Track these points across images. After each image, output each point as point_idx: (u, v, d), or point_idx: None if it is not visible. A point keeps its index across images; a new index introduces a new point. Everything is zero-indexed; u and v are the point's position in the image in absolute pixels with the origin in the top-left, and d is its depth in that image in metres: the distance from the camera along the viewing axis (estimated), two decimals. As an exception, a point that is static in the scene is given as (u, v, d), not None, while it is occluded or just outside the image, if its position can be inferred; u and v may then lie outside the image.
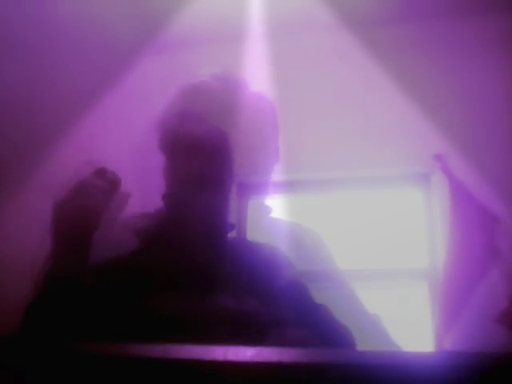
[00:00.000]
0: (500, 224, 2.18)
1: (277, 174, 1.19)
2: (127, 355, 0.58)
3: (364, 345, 1.05)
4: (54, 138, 2.72)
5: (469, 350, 0.59)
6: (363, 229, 2.51)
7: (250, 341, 0.92)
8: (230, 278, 1.03)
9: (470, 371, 0.54)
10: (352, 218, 2.54)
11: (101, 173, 1.04)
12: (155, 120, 1.14)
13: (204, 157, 1.06)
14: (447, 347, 2.04)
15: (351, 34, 2.53)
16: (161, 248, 1.05)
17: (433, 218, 2.43)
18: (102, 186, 1.00)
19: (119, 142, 2.63)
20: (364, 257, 2.46)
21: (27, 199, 2.62)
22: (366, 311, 1.16)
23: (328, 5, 2.44)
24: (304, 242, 1.16)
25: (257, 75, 2.52)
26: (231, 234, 1.10)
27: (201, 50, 2.63)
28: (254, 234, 1.11)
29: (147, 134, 1.15)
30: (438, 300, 2.20)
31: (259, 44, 2.54)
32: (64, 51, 2.57)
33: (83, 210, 0.96)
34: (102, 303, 0.98)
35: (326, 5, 2.43)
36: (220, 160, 1.06)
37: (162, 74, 2.67)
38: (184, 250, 1.06)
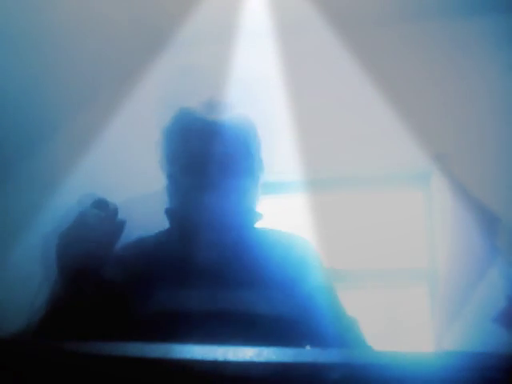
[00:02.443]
0: (500, 224, 2.18)
1: (277, 175, 1.23)
2: (127, 355, 0.59)
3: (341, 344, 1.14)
4: (54, 138, 2.72)
5: (469, 350, 0.59)
6: (363, 229, 2.51)
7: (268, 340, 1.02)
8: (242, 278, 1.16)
9: (470, 371, 0.54)
10: (352, 218, 2.54)
11: (100, 204, 1.13)
12: (156, 140, 1.30)
13: (199, 169, 1.22)
14: (447, 347, 2.04)
15: (351, 34, 2.53)
16: (169, 262, 1.20)
17: (433, 218, 2.43)
18: (102, 217, 1.11)
19: (119, 142, 2.63)
20: (364, 257, 2.46)
21: (28, 199, 2.62)
22: (345, 313, 1.23)
23: (329, 5, 2.44)
24: (293, 251, 1.26)
25: (257, 76, 2.52)
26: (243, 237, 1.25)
27: (201, 51, 2.63)
28: (245, 240, 1.24)
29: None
30: (437, 300, 2.20)
31: (259, 44, 2.54)
32: (64, 51, 2.57)
33: (86, 240, 1.07)
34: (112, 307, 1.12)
35: (326, 5, 2.43)
36: (217, 169, 1.22)
37: (163, 73, 2.67)
38: (190, 260, 1.19)
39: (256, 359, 0.56)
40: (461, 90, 2.48)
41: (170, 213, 1.27)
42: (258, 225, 1.31)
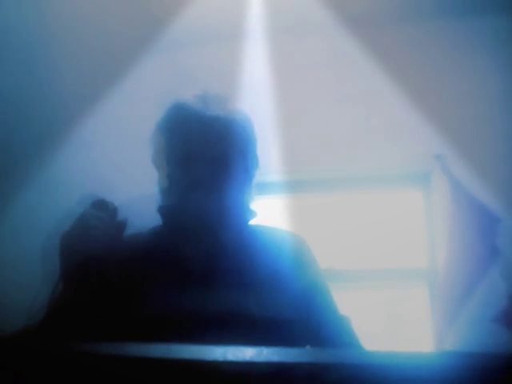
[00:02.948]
0: (500, 224, 2.17)
1: (277, 175, 1.22)
2: (127, 355, 0.58)
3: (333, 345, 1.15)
4: (53, 139, 2.72)
5: (469, 350, 0.59)
6: (363, 229, 2.51)
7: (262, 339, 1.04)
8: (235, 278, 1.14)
9: (470, 371, 0.54)
10: (352, 218, 2.54)
11: (100, 204, 1.14)
12: (148, 136, 1.27)
13: (193, 166, 1.19)
14: (447, 347, 2.04)
15: (351, 34, 2.53)
16: (160, 260, 1.17)
17: (433, 218, 2.43)
18: (102, 217, 1.11)
19: (118, 142, 2.63)
20: (364, 257, 2.46)
21: (28, 199, 2.62)
22: (337, 312, 1.22)
23: (328, 5, 2.44)
24: (287, 250, 1.24)
25: (256, 75, 2.52)
26: (236, 237, 1.21)
27: (201, 50, 2.63)
28: (239, 238, 1.21)
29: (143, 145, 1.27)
30: (437, 300, 2.20)
31: (259, 44, 2.54)
32: (64, 52, 2.57)
33: (88, 241, 1.08)
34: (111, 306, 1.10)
35: (325, 5, 2.43)
36: (210, 167, 1.19)
37: (163, 74, 2.67)
38: (182, 260, 1.17)
39: (256, 359, 0.56)
40: (461, 89, 2.48)
41: (163, 211, 1.23)
42: (253, 223, 1.27)
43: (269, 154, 1.36)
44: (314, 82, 2.60)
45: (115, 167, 2.55)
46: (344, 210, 2.57)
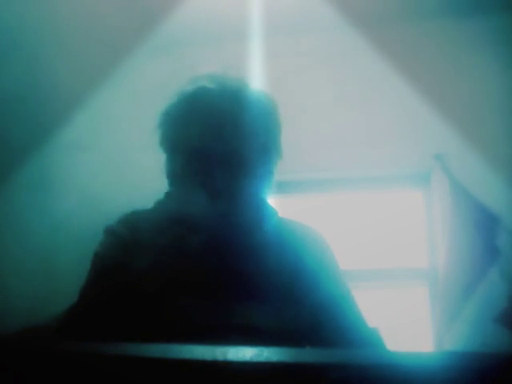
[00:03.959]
0: (500, 224, 2.18)
1: (277, 175, 1.18)
2: (127, 355, 0.59)
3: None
4: (52, 139, 2.72)
5: (469, 350, 0.59)
6: (363, 229, 2.51)
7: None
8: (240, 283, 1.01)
9: (470, 371, 0.54)
10: (352, 218, 2.54)
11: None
12: (156, 119, 1.13)
13: (202, 165, 1.04)
14: (447, 347, 2.04)
15: (351, 34, 2.53)
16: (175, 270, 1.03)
17: (433, 218, 2.43)
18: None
19: (118, 143, 2.63)
20: (364, 257, 2.46)
21: (28, 200, 2.62)
22: (367, 326, 1.10)
23: (327, 4, 2.44)
24: (308, 243, 1.13)
25: (257, 75, 2.52)
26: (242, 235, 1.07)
27: (201, 50, 2.63)
28: (259, 234, 1.08)
29: (148, 132, 1.13)
30: (437, 300, 2.20)
31: (259, 44, 2.54)
32: (63, 51, 2.57)
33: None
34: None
35: (325, 4, 2.43)
36: (220, 159, 1.05)
37: (161, 74, 2.67)
38: (197, 271, 1.02)
39: (256, 359, 0.56)
40: (461, 89, 2.48)
41: (169, 213, 1.06)
42: (272, 220, 1.11)
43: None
44: (314, 82, 2.59)
45: (114, 168, 2.55)
46: (344, 210, 2.57)
